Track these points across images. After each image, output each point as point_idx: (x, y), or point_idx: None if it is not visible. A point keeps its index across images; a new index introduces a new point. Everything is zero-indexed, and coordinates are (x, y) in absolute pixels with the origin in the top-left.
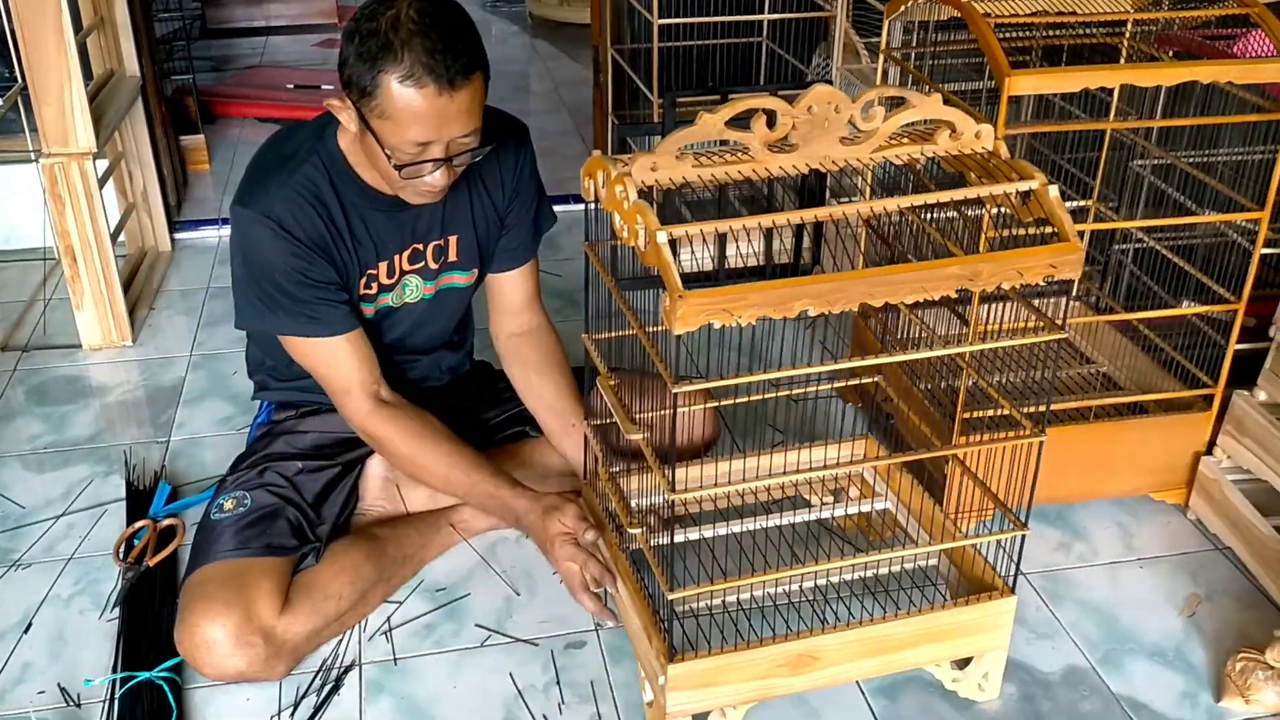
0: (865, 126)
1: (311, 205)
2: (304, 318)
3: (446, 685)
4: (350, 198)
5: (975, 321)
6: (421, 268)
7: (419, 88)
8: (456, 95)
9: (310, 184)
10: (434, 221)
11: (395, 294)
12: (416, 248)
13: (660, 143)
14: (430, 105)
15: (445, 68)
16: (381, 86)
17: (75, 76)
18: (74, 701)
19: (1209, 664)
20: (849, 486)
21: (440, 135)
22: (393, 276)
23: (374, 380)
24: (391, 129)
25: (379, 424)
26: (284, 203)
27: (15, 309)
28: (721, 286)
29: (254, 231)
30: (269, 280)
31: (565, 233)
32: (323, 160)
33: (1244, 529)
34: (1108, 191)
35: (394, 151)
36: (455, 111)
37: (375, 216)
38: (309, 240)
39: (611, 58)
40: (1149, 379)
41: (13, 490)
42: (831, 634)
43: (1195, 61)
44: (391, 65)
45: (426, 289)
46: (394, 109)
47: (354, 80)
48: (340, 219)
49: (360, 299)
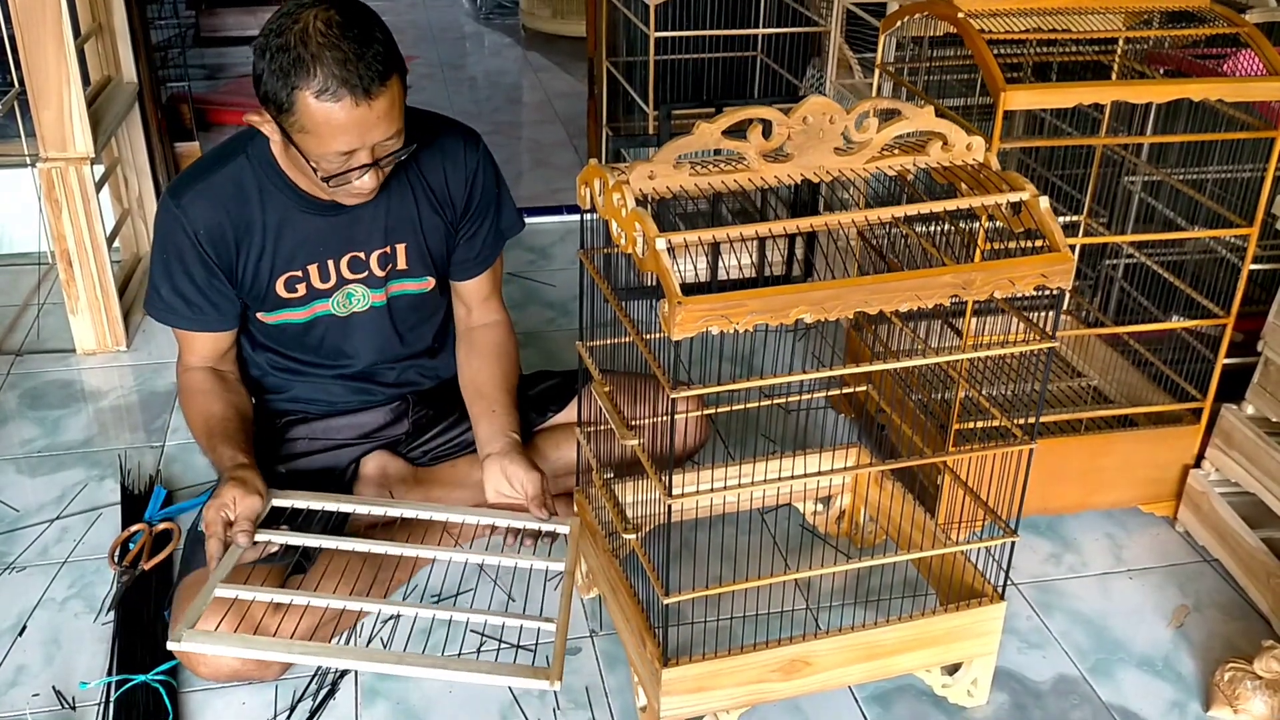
0: (859, 137)
1: (223, 201)
2: (179, 306)
3: (442, 690)
4: (278, 198)
5: (968, 334)
6: (366, 276)
7: (335, 101)
8: (375, 102)
9: (232, 180)
10: (375, 229)
11: (336, 301)
12: (358, 255)
13: (658, 151)
14: (349, 116)
15: (359, 78)
16: (298, 103)
17: (74, 82)
18: (69, 704)
19: (1197, 674)
20: (840, 495)
21: (363, 142)
22: (328, 281)
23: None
24: (313, 142)
25: (187, 376)
26: (197, 195)
27: (9, 313)
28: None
29: (161, 216)
30: (163, 261)
31: (558, 243)
32: (252, 160)
33: (1232, 541)
34: (1098, 208)
35: (319, 162)
36: (375, 118)
37: (306, 219)
38: (208, 232)
39: (607, 70)
40: (1139, 393)
41: (6, 494)
42: (824, 639)
43: (1186, 79)
44: (305, 81)
45: (376, 297)
46: (313, 123)
47: (270, 97)
48: (256, 216)
49: (283, 304)
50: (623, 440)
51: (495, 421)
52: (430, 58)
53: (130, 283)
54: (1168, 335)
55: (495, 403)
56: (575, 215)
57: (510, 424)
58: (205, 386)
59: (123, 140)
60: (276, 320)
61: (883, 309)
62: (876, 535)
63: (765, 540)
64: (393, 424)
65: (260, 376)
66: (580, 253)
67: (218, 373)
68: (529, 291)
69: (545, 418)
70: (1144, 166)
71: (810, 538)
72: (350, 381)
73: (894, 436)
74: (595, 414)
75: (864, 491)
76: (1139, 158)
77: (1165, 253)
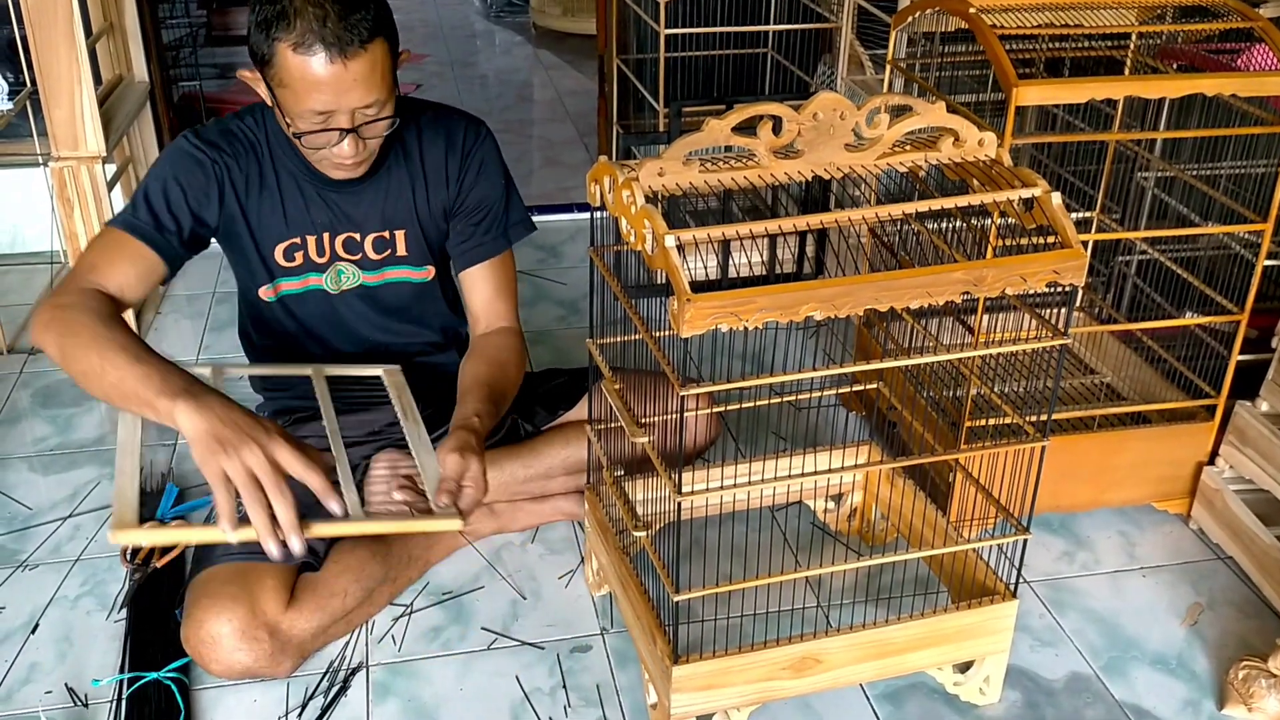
0: (870, 133)
1: (243, 148)
2: (143, 211)
3: (453, 688)
4: (286, 162)
5: (979, 331)
6: (360, 258)
7: (311, 55)
8: (352, 63)
9: (250, 133)
10: (372, 213)
11: (329, 278)
12: (352, 236)
13: (668, 148)
14: (324, 73)
15: (338, 36)
16: (277, 54)
17: (86, 81)
18: (82, 701)
19: (1211, 672)
20: (851, 492)
21: (339, 105)
22: (323, 256)
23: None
24: (290, 97)
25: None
26: (217, 135)
27: (22, 311)
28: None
29: (174, 150)
30: (151, 180)
31: (568, 241)
32: (267, 123)
33: (1246, 538)
34: (1111, 204)
35: (295, 120)
36: (352, 80)
37: (308, 188)
38: (223, 169)
39: (617, 67)
40: (1152, 389)
41: (19, 492)
42: (835, 637)
43: (1199, 74)
44: (285, 32)
45: (367, 278)
46: (289, 76)
47: (254, 49)
48: (270, 176)
49: (283, 272)
50: (633, 438)
51: (458, 411)
52: (440, 56)
53: None
54: (1181, 332)
55: (468, 393)
56: (586, 213)
57: (469, 410)
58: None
59: (134, 139)
60: (276, 294)
61: (894, 306)
62: (888, 533)
63: (776, 538)
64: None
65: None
66: (590, 250)
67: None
68: (539, 290)
69: (555, 415)
70: (1157, 162)
71: (821, 535)
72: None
73: (905, 434)
74: (605, 412)
75: (875, 489)
76: (1152, 153)
77: (1178, 249)
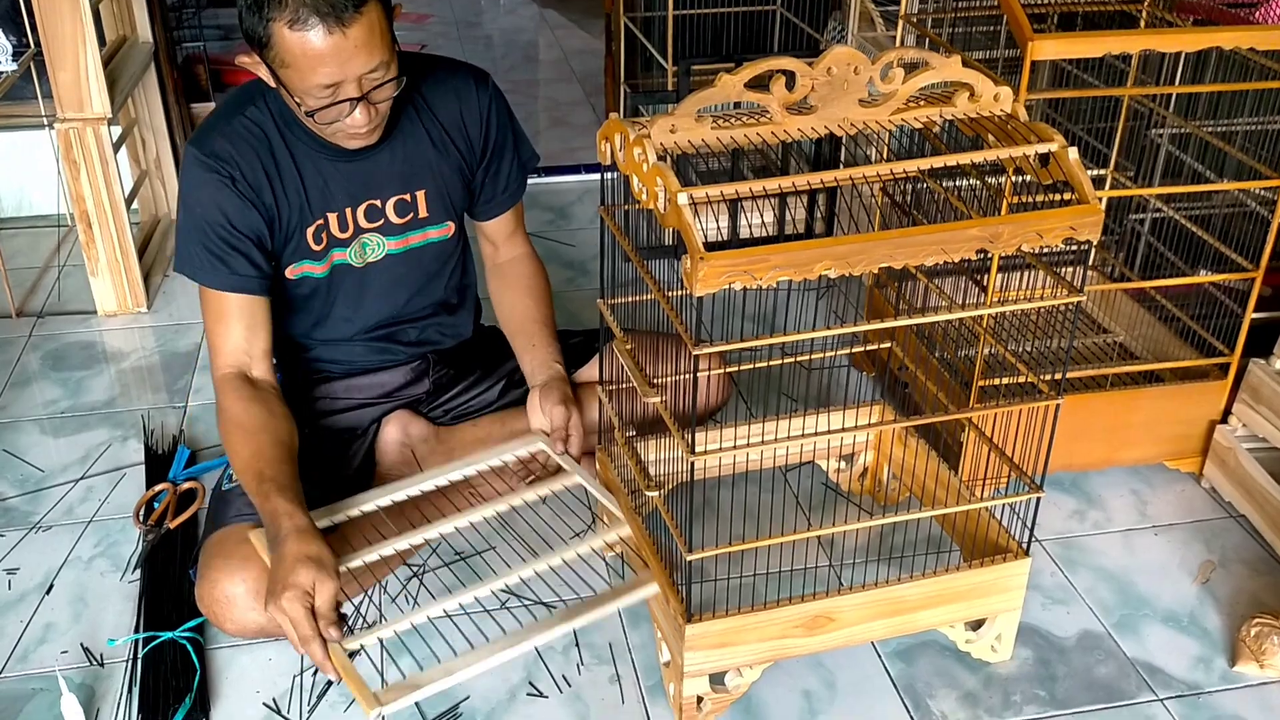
0: (884, 88)
1: (252, 146)
2: (211, 261)
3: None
4: (298, 145)
5: (993, 290)
6: (382, 225)
7: (309, 29)
8: (350, 30)
9: (255, 126)
10: (391, 176)
11: (354, 251)
12: (373, 203)
13: (680, 104)
14: (325, 45)
15: (331, 5)
16: (274, 35)
17: (90, 41)
18: (97, 661)
19: (1223, 629)
20: (863, 452)
21: (345, 74)
22: (346, 231)
23: (248, 353)
24: (295, 76)
25: (227, 392)
26: (226, 142)
27: (30, 275)
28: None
29: (193, 171)
30: (194, 219)
31: (576, 202)
32: (270, 105)
33: (1259, 496)
34: (1124, 162)
35: (304, 98)
36: (353, 47)
37: (324, 165)
38: (245, 182)
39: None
40: (1165, 348)
41: (31, 454)
42: (848, 595)
43: (1216, 28)
44: (278, 12)
45: (393, 245)
46: (290, 56)
47: (250, 33)
48: (288, 163)
49: (309, 255)
50: (645, 398)
51: (536, 355)
52: (445, 16)
53: (150, 244)
54: (1195, 290)
55: (533, 336)
56: (593, 174)
57: (551, 354)
58: (244, 419)
59: (139, 101)
60: (297, 274)
61: (908, 264)
62: (899, 492)
63: (787, 498)
64: (413, 383)
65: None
66: (601, 209)
67: (255, 388)
68: (548, 251)
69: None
70: (1172, 119)
71: (833, 495)
72: (371, 341)
73: (917, 395)
74: (616, 372)
75: (887, 449)
76: (1167, 110)
77: (1193, 206)
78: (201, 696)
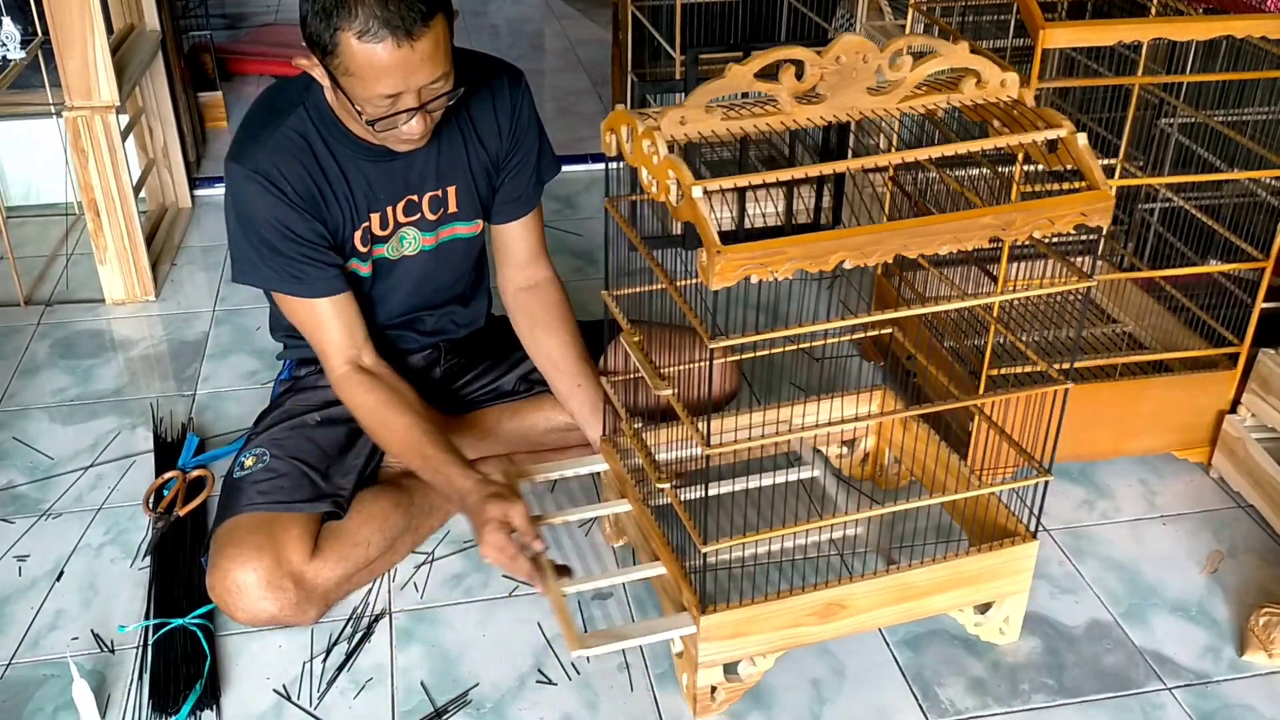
0: (893, 76)
1: (299, 158)
2: (289, 275)
3: (476, 634)
4: (340, 148)
5: (1003, 277)
6: (418, 219)
7: (378, 42)
8: (418, 44)
9: (298, 136)
10: (428, 172)
11: (391, 246)
12: (411, 199)
13: (689, 95)
14: (392, 58)
15: (401, 18)
16: (341, 44)
17: (98, 29)
18: (108, 647)
19: (1232, 619)
20: (864, 437)
21: (408, 85)
22: (386, 228)
23: (354, 345)
24: (358, 85)
25: (351, 389)
26: (271, 156)
27: (38, 263)
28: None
29: (243, 187)
30: (257, 235)
31: (584, 191)
32: (310, 112)
33: (1267, 486)
34: (1134, 151)
35: (364, 106)
36: (419, 60)
37: (366, 166)
38: (296, 194)
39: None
40: (1174, 338)
41: (40, 442)
42: (859, 582)
43: (1228, 16)
44: (347, 21)
45: (426, 240)
46: (356, 65)
47: (315, 39)
48: (333, 169)
49: (356, 254)
50: (656, 390)
51: (583, 395)
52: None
53: (157, 232)
54: (1204, 280)
55: (580, 376)
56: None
57: (599, 395)
58: (372, 403)
59: (146, 89)
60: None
61: (922, 253)
62: (902, 476)
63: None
64: (424, 371)
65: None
66: (606, 201)
67: (369, 375)
68: (555, 241)
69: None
70: (1183, 108)
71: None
72: (389, 330)
73: (923, 383)
74: (621, 364)
75: (889, 434)
76: (1177, 99)
77: (1202, 196)
78: (212, 683)
